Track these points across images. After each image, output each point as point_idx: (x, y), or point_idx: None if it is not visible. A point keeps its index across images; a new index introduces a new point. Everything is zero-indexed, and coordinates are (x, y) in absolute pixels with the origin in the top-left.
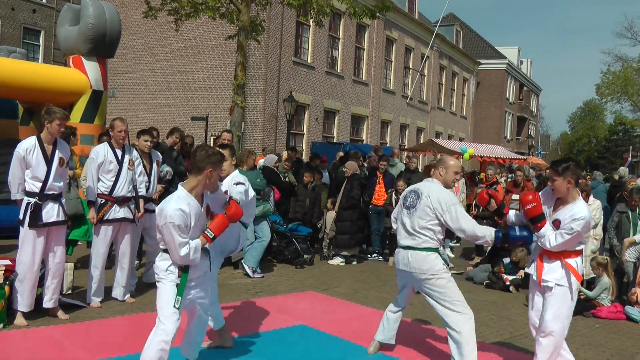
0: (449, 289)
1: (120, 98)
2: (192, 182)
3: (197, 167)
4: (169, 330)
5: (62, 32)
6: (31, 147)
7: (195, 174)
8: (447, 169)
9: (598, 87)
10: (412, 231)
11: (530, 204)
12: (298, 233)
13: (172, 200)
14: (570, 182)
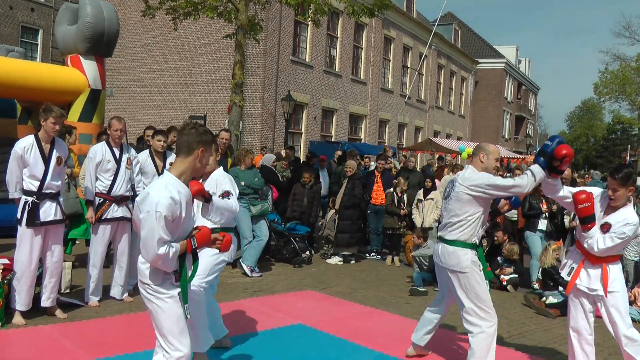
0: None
1: (118, 97)
2: (181, 166)
3: (187, 146)
4: (187, 355)
5: (60, 31)
6: (29, 146)
7: (184, 156)
8: (488, 155)
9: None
10: (446, 222)
11: (584, 203)
12: (296, 232)
13: (160, 187)
14: (631, 191)
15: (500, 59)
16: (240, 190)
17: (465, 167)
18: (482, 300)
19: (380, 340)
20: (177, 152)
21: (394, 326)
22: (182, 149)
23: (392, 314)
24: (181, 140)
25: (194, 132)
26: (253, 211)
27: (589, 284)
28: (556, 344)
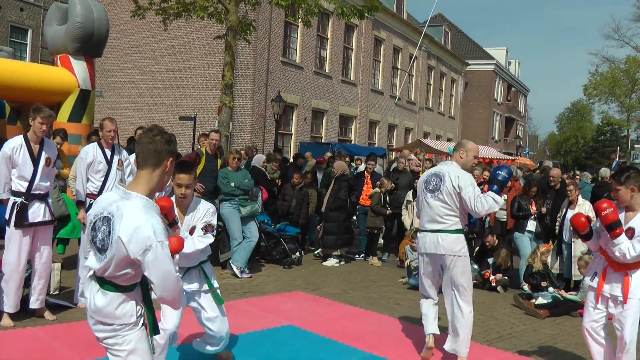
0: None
1: (108, 97)
2: (150, 181)
3: (156, 157)
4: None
5: (49, 31)
6: (18, 147)
7: (151, 168)
8: (467, 152)
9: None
10: (440, 214)
11: (607, 210)
12: (286, 233)
13: (139, 212)
14: (633, 190)
15: (490, 60)
16: (230, 191)
17: (449, 162)
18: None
19: (370, 341)
20: (142, 165)
21: (384, 327)
22: (149, 159)
23: (382, 314)
24: (146, 149)
25: (160, 139)
26: (243, 212)
27: (611, 290)
28: (546, 344)
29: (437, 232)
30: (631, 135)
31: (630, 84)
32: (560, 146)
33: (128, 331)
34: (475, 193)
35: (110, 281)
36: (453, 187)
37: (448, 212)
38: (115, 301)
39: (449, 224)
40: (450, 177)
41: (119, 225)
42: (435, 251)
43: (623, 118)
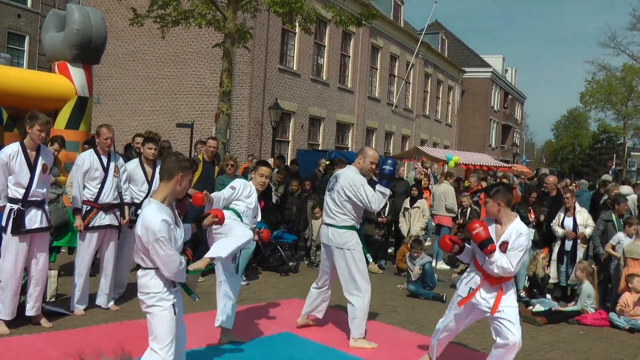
0: (360, 263)
1: (105, 104)
2: (164, 191)
3: (169, 173)
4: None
5: (47, 38)
6: (14, 153)
7: (165, 181)
8: (364, 158)
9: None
10: (331, 211)
11: (476, 230)
12: (283, 240)
13: (151, 213)
14: (500, 205)
15: (486, 68)
16: None
17: (348, 167)
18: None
19: (367, 348)
20: (161, 179)
21: (381, 334)
22: (165, 175)
23: (379, 322)
24: (163, 167)
25: (174, 159)
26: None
27: (487, 304)
28: (542, 352)
29: (329, 225)
30: (627, 142)
31: (626, 92)
32: (557, 154)
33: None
34: (367, 193)
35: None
36: (343, 189)
37: (337, 209)
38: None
39: (337, 220)
40: (342, 179)
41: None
42: (327, 242)
43: (619, 126)
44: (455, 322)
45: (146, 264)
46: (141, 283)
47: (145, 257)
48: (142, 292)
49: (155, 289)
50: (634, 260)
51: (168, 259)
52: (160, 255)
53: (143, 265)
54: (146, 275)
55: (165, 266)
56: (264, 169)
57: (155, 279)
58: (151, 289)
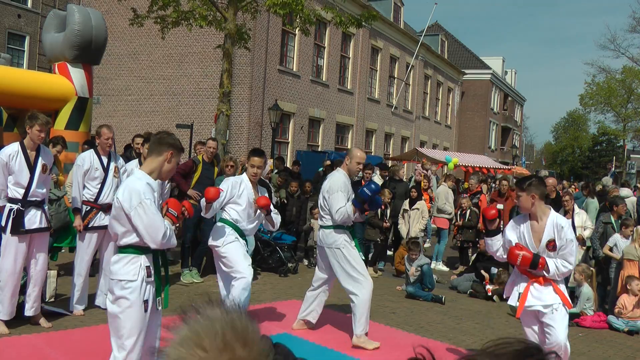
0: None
1: (105, 105)
2: (150, 165)
3: (158, 148)
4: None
5: (47, 39)
6: (14, 153)
7: (155, 155)
8: (351, 159)
9: (582, 97)
10: (321, 212)
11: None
12: (282, 241)
13: (134, 180)
14: (534, 197)
15: (486, 70)
16: None
17: (337, 169)
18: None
19: (368, 348)
20: (149, 153)
21: (380, 335)
22: (154, 150)
23: (378, 323)
24: (153, 142)
25: (166, 135)
26: None
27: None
28: None
29: (320, 227)
30: (627, 145)
31: (626, 94)
32: (557, 156)
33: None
34: (335, 203)
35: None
36: (324, 190)
37: (322, 211)
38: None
39: (324, 220)
40: (327, 181)
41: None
42: (319, 243)
43: (619, 128)
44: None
45: (124, 240)
46: (114, 269)
47: (125, 229)
48: (113, 280)
49: (128, 276)
50: (630, 261)
51: (152, 224)
52: (143, 221)
53: (121, 243)
54: (121, 260)
55: (148, 232)
56: (255, 159)
57: (131, 264)
58: (124, 276)
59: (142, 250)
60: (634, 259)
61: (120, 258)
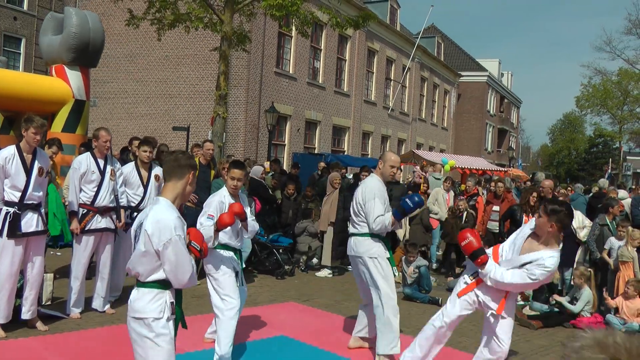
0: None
1: (101, 107)
2: (174, 191)
3: (178, 171)
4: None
5: (44, 41)
6: (10, 156)
7: (176, 180)
8: (385, 163)
9: (578, 99)
10: (353, 219)
11: (464, 241)
12: (279, 244)
13: (165, 210)
14: (552, 227)
15: (482, 72)
16: None
17: (371, 175)
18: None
19: (362, 351)
20: (168, 177)
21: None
22: (174, 173)
23: None
24: (172, 166)
25: (185, 157)
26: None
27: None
28: (538, 355)
29: (351, 235)
30: (623, 147)
31: (622, 96)
32: (553, 158)
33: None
34: (374, 210)
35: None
36: (359, 196)
37: (356, 217)
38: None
39: (357, 228)
40: (362, 186)
41: (145, 224)
42: (350, 252)
43: (615, 130)
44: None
45: (146, 276)
46: (137, 307)
47: (148, 265)
48: (135, 319)
49: (154, 313)
50: (625, 263)
51: (182, 263)
52: (171, 260)
53: (141, 278)
54: (145, 295)
55: (177, 272)
56: (236, 171)
57: (156, 300)
58: (150, 313)
59: (166, 285)
60: (628, 260)
61: (144, 294)
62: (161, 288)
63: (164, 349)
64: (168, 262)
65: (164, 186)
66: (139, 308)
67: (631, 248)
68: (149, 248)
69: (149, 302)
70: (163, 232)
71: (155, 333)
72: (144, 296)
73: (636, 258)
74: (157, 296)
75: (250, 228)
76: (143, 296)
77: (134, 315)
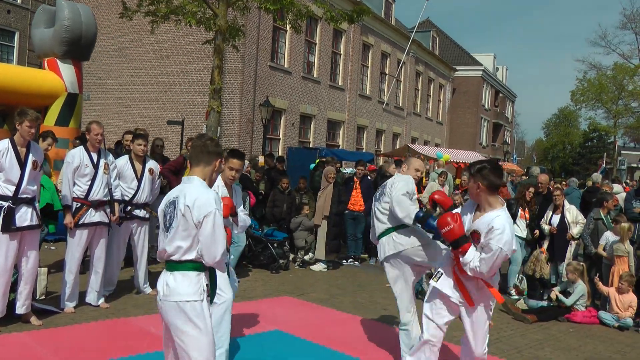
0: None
1: (95, 101)
2: (203, 173)
3: (206, 158)
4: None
5: (37, 34)
6: (4, 150)
7: (203, 165)
8: (409, 166)
9: (573, 93)
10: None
11: (445, 228)
12: (274, 238)
13: (202, 187)
14: (479, 187)
15: (477, 66)
16: None
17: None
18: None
19: (357, 346)
20: (196, 162)
21: (371, 332)
22: (202, 159)
23: (370, 319)
24: (200, 151)
25: (212, 144)
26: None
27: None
28: (532, 349)
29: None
30: (618, 141)
31: (617, 91)
32: (548, 152)
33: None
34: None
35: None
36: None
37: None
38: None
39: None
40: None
41: (183, 199)
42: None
43: (610, 124)
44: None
45: (180, 254)
46: (179, 291)
47: (189, 243)
48: (178, 303)
49: (195, 296)
50: (620, 257)
51: (217, 237)
52: (208, 232)
53: (175, 257)
54: (184, 278)
55: (209, 246)
56: (235, 161)
57: (196, 283)
58: (191, 296)
59: (202, 267)
60: (623, 254)
61: (183, 277)
62: (198, 270)
63: (208, 331)
64: (204, 235)
65: (192, 170)
66: (182, 291)
67: (627, 243)
68: (189, 221)
69: (189, 284)
70: (205, 204)
71: (200, 316)
72: (184, 279)
73: (632, 252)
74: (196, 278)
75: (242, 222)
76: (183, 279)
77: (176, 299)
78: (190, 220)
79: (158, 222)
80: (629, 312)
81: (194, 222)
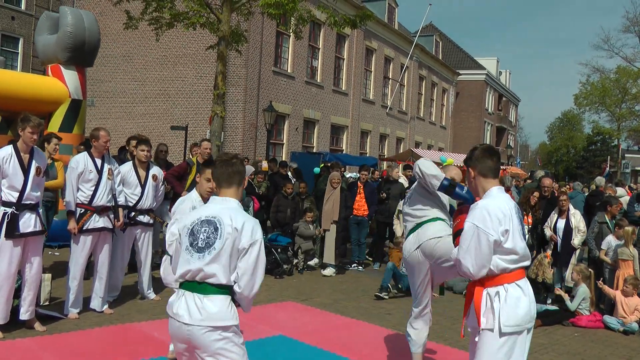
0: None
1: (99, 107)
2: (237, 197)
3: (239, 178)
4: None
5: (40, 41)
6: (7, 156)
7: (236, 186)
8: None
9: (576, 97)
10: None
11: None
12: (277, 243)
13: (242, 212)
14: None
15: (481, 70)
16: None
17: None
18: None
19: (361, 351)
20: (228, 184)
21: (375, 337)
22: (235, 181)
23: (373, 324)
24: (231, 172)
25: (239, 163)
26: None
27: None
28: (537, 353)
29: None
30: (621, 144)
31: (620, 94)
32: (551, 156)
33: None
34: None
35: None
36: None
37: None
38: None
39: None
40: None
41: (229, 221)
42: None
43: (613, 128)
44: None
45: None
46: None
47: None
48: (217, 328)
49: (234, 320)
50: (625, 261)
51: (259, 267)
52: (254, 261)
53: (211, 280)
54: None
55: (252, 276)
56: (209, 171)
57: (231, 306)
58: (231, 321)
59: (232, 292)
60: (629, 258)
61: (220, 301)
62: (229, 294)
63: (246, 354)
64: (248, 262)
65: (224, 191)
66: (223, 316)
67: (632, 247)
68: (235, 245)
69: (227, 308)
70: (253, 231)
71: (240, 339)
72: (222, 303)
73: (636, 256)
74: (229, 302)
75: None
76: (221, 303)
77: (216, 324)
78: (236, 245)
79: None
80: (635, 315)
81: (238, 248)
